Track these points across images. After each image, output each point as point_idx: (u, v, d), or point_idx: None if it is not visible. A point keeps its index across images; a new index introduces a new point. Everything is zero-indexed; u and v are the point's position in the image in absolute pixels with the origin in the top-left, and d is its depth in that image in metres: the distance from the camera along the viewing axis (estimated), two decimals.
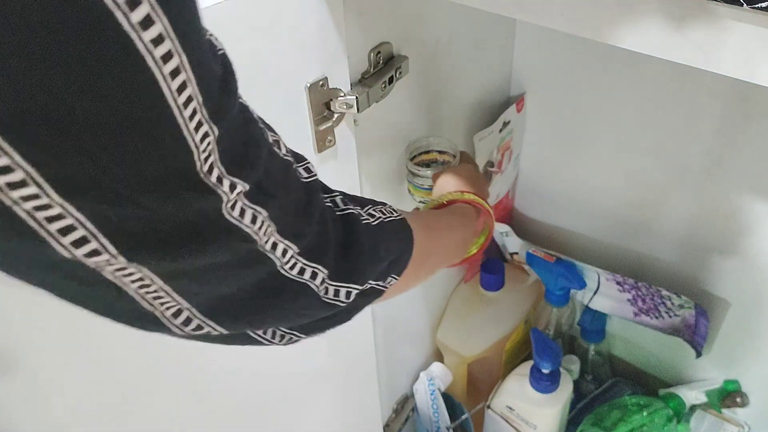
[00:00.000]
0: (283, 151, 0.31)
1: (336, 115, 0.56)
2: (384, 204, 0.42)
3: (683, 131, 0.75)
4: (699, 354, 0.81)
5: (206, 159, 0.23)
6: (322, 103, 0.54)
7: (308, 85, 0.52)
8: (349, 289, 0.36)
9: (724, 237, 0.78)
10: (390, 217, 0.41)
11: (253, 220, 0.27)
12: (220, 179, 0.24)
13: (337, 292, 0.35)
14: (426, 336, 0.92)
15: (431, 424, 0.88)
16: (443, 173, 0.62)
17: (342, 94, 0.55)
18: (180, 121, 0.21)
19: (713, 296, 0.83)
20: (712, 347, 0.85)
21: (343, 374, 0.74)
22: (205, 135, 0.23)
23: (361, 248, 0.36)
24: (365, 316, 0.73)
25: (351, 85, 0.57)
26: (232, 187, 0.25)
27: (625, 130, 0.80)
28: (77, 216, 0.21)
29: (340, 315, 0.37)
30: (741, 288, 0.80)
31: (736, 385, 0.86)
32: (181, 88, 0.21)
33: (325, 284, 0.33)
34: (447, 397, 0.90)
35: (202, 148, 0.23)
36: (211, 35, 0.25)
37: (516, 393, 0.82)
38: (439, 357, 0.94)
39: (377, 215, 0.40)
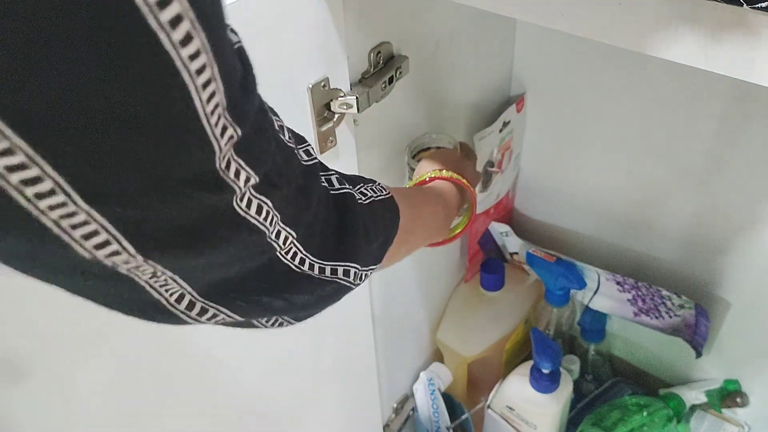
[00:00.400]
0: (287, 136, 0.32)
1: (336, 116, 0.56)
2: (374, 182, 0.43)
3: (683, 131, 0.75)
4: (699, 354, 0.81)
5: (224, 156, 0.24)
6: (323, 103, 0.54)
7: (310, 86, 0.52)
8: (347, 268, 0.36)
9: (724, 237, 0.78)
10: (380, 195, 0.42)
11: (259, 211, 0.27)
12: (237, 172, 0.25)
13: (334, 271, 0.35)
14: (426, 336, 0.92)
15: (431, 424, 0.88)
16: (427, 156, 0.63)
17: (342, 95, 0.55)
18: (207, 128, 0.22)
19: (713, 296, 0.83)
20: (712, 347, 0.85)
21: (343, 374, 0.74)
22: (230, 137, 0.23)
23: (355, 229, 0.37)
24: (365, 316, 0.73)
25: (351, 85, 0.57)
26: (247, 179, 0.25)
27: (625, 130, 0.80)
28: (100, 221, 0.22)
29: (336, 294, 0.38)
30: (741, 288, 0.80)
31: (736, 385, 0.86)
32: (211, 96, 0.22)
33: (318, 264, 0.34)
34: (447, 396, 0.90)
35: (225, 149, 0.23)
36: (228, 26, 0.25)
37: (516, 393, 0.82)
38: (439, 357, 0.94)
39: (368, 194, 0.41)
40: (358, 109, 0.55)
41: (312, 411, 0.72)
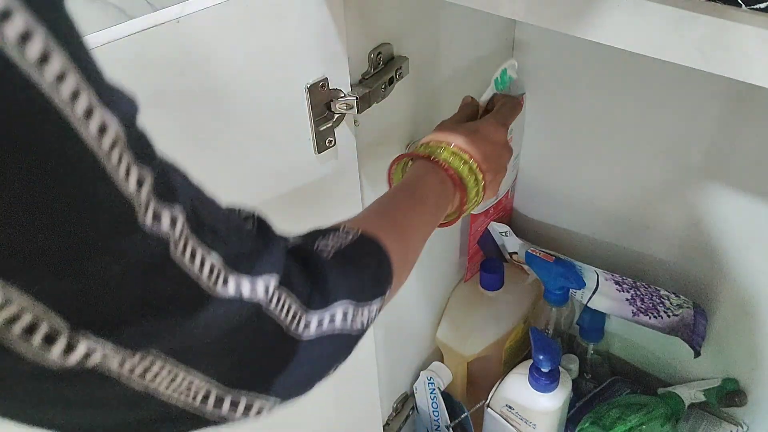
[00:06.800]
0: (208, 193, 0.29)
1: (336, 116, 0.56)
2: (336, 230, 0.39)
3: (683, 131, 0.75)
4: (698, 353, 0.81)
5: (145, 204, 0.22)
6: (323, 103, 0.54)
7: (308, 85, 0.52)
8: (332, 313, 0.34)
9: (723, 237, 0.78)
10: (348, 239, 0.38)
11: (203, 263, 0.25)
12: (157, 216, 0.22)
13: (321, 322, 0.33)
14: (426, 335, 0.93)
15: (431, 423, 0.88)
16: (451, 120, 0.61)
17: (342, 95, 0.55)
18: (111, 173, 0.20)
19: (712, 296, 0.83)
20: (711, 346, 0.86)
21: (343, 373, 0.74)
22: (140, 181, 0.21)
23: (327, 283, 0.35)
24: None
25: (351, 85, 0.57)
26: (173, 221, 0.23)
27: (623, 131, 0.80)
28: (25, 303, 0.19)
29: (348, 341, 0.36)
30: (739, 287, 0.80)
31: (734, 384, 0.86)
32: (113, 144, 0.20)
33: (303, 318, 0.32)
34: (447, 396, 0.90)
35: (143, 195, 0.22)
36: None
37: (515, 392, 0.82)
38: (438, 356, 0.94)
39: (331, 244, 0.38)
40: (358, 110, 0.55)
41: (312, 409, 0.72)
